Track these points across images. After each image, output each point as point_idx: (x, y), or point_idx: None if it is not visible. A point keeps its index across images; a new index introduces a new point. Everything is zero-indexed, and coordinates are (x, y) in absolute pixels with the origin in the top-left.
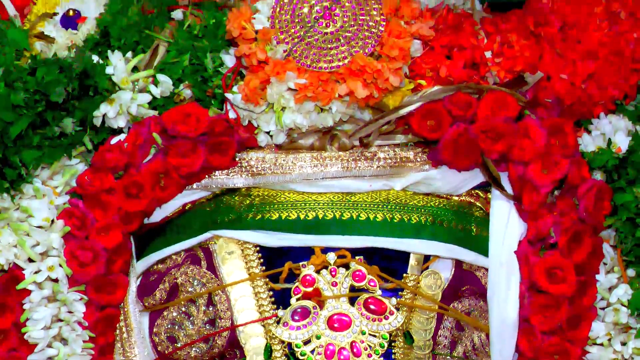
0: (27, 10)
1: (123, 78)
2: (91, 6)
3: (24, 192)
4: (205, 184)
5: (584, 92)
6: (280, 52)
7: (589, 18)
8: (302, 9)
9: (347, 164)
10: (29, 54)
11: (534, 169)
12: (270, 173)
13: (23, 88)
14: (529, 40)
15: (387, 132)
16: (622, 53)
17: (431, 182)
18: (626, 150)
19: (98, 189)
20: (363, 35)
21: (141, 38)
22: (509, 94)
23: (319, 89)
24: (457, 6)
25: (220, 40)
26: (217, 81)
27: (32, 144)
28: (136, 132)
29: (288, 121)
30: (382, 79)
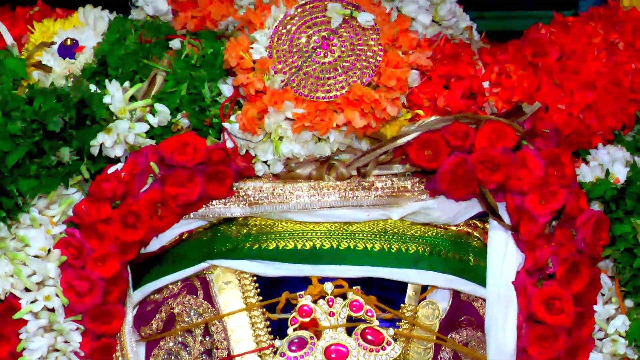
0: (24, 39)
1: (121, 107)
2: (89, 35)
3: (21, 222)
4: (202, 214)
5: (581, 123)
6: (278, 82)
7: (587, 48)
8: (300, 39)
9: (344, 193)
10: (27, 83)
11: (532, 200)
12: (267, 202)
13: (20, 117)
14: (526, 70)
15: (385, 162)
16: (620, 83)
17: (429, 212)
18: (624, 181)
19: (95, 219)
20: (361, 65)
21: (139, 67)
22: (506, 124)
23: (317, 118)
24: (454, 36)
25: (218, 69)
26: (214, 110)
27: (29, 173)
28: (133, 161)
29: (286, 151)
30: (379, 108)
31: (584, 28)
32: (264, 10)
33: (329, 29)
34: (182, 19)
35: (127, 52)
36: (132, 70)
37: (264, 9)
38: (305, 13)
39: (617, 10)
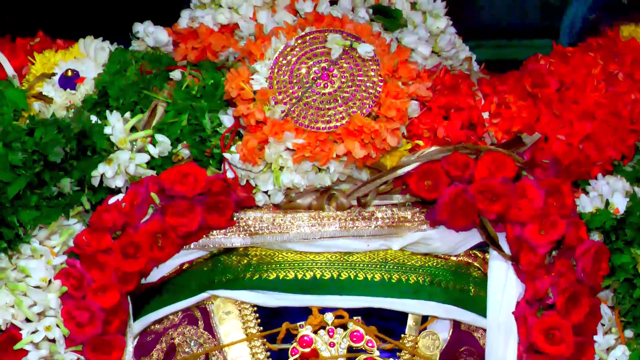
0: (25, 70)
1: (121, 138)
2: (90, 66)
3: (22, 252)
4: (202, 244)
5: (581, 153)
6: (279, 113)
7: (587, 79)
8: (300, 69)
9: (344, 223)
10: (27, 114)
11: (532, 230)
12: (268, 233)
13: (21, 148)
14: (526, 101)
15: (385, 192)
16: (620, 114)
17: (429, 242)
18: (624, 212)
19: (95, 249)
20: (361, 95)
21: (140, 98)
22: (506, 154)
23: (317, 149)
24: (454, 67)
25: (219, 100)
26: (215, 141)
27: (29, 204)
28: (134, 192)
29: (286, 181)
30: (379, 139)
31: (583, 59)
32: (265, 41)
33: (329, 60)
34: (183, 50)
35: (128, 83)
36: (133, 101)
37: (264, 40)
38: (305, 44)
39: (617, 41)
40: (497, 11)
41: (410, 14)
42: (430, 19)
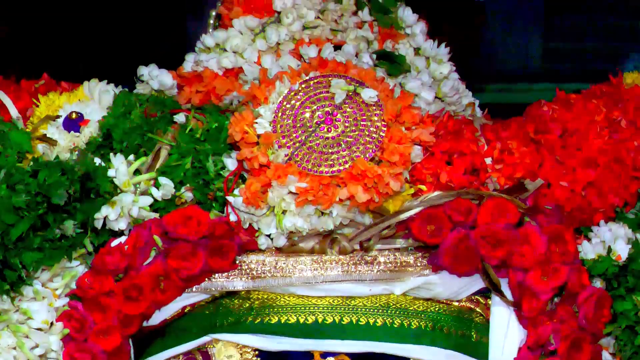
0: (30, 112)
1: (125, 181)
2: (94, 109)
3: (24, 294)
4: (205, 287)
5: (584, 200)
6: (282, 156)
7: (590, 125)
8: (304, 113)
9: (347, 267)
10: (31, 156)
11: (534, 276)
12: (270, 276)
13: (25, 190)
14: (529, 147)
15: (388, 237)
16: (623, 161)
17: (431, 287)
18: (626, 258)
19: (98, 292)
20: (364, 140)
21: (143, 141)
22: (509, 200)
23: (320, 192)
24: (457, 112)
25: (223, 143)
26: (218, 184)
27: (32, 246)
28: (137, 234)
29: (289, 224)
30: (382, 183)
31: (586, 105)
32: (269, 85)
33: (333, 104)
34: (187, 94)
35: (132, 126)
36: (137, 143)
37: (268, 84)
38: (309, 88)
39: (620, 87)
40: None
41: (414, 59)
42: (433, 64)
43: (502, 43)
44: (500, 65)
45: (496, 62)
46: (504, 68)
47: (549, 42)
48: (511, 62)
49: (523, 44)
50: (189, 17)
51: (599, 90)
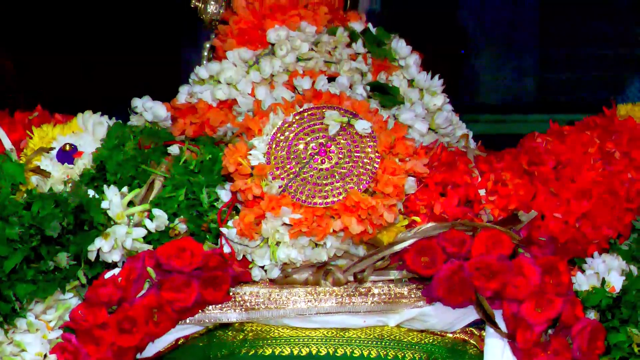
0: (23, 144)
1: (118, 213)
2: (88, 141)
3: (18, 326)
4: (198, 319)
5: (577, 231)
6: (276, 188)
7: (583, 157)
8: (298, 145)
9: (341, 299)
10: (25, 188)
11: (528, 308)
12: (264, 308)
13: (18, 222)
14: (522, 179)
15: (382, 268)
16: (616, 193)
17: (425, 318)
18: (620, 290)
19: (91, 324)
20: (358, 171)
21: (137, 173)
22: (503, 232)
23: (314, 224)
24: (451, 144)
25: (216, 175)
26: (212, 216)
27: (26, 278)
28: (130, 266)
29: (282, 256)
30: (376, 215)
31: (580, 137)
32: (263, 117)
33: (327, 136)
34: (181, 125)
35: (126, 158)
36: (131, 175)
37: (262, 116)
38: (303, 120)
39: (613, 119)
40: (495, 88)
41: (408, 91)
42: (427, 96)
43: (496, 74)
44: (494, 96)
45: (490, 93)
46: (497, 99)
47: (543, 73)
48: (505, 93)
49: (517, 75)
50: (183, 49)
51: (593, 122)
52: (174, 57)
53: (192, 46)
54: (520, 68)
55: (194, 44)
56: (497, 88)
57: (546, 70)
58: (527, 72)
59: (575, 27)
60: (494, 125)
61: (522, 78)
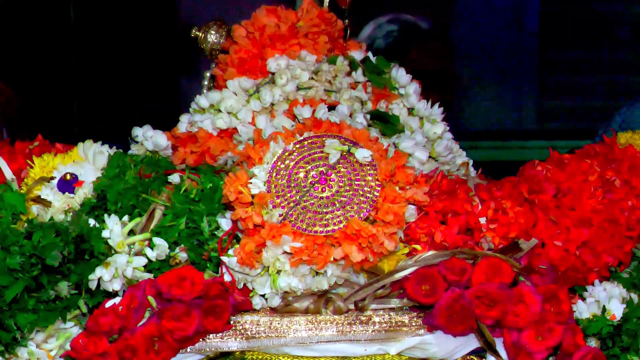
0: (24, 174)
1: (119, 242)
2: (88, 170)
3: (19, 356)
4: (199, 348)
5: (578, 259)
6: (276, 216)
7: (583, 185)
8: (298, 173)
9: (342, 327)
10: (26, 217)
11: (529, 336)
12: (264, 336)
13: (19, 252)
14: (523, 207)
15: (382, 296)
16: (617, 221)
17: (426, 346)
18: (620, 318)
19: (92, 353)
20: (358, 200)
21: (138, 202)
22: (503, 260)
23: (315, 252)
24: (451, 172)
25: (217, 204)
26: (213, 244)
27: (27, 307)
28: (131, 295)
29: (283, 284)
30: (377, 243)
31: (580, 165)
32: (263, 145)
33: (327, 164)
34: (182, 154)
35: (127, 187)
36: (131, 204)
37: (262, 145)
38: (303, 149)
39: (614, 147)
40: (495, 115)
41: (408, 119)
42: (427, 124)
43: (496, 101)
44: (495, 124)
45: (491, 120)
46: (498, 126)
47: (543, 100)
48: (505, 120)
49: (517, 102)
50: (183, 78)
51: (593, 150)
52: (174, 86)
53: (190, 77)
54: (520, 96)
55: (193, 75)
56: (498, 115)
57: (546, 97)
58: (527, 99)
59: (575, 55)
60: (493, 152)
61: (523, 107)
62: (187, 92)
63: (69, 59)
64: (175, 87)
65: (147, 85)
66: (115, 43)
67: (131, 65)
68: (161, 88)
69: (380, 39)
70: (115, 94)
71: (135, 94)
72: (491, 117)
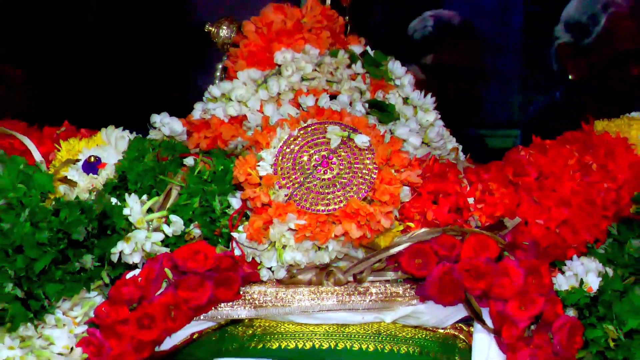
0: (52, 156)
1: (139, 219)
2: (111, 153)
3: (47, 322)
4: (211, 315)
5: (558, 237)
6: (282, 196)
7: (563, 169)
8: (302, 157)
9: (342, 297)
10: (53, 196)
11: (513, 306)
12: (271, 305)
13: (47, 227)
14: (508, 188)
15: (379, 270)
16: (594, 201)
17: (419, 315)
18: (597, 290)
19: (114, 320)
20: (357, 181)
21: (156, 182)
22: (489, 236)
23: (317, 229)
24: (442, 156)
25: (228, 184)
26: (224, 222)
27: (54, 278)
28: (150, 267)
29: (288, 258)
30: (374, 221)
31: (560, 150)
32: (270, 131)
33: (329, 149)
34: (196, 139)
35: (145, 169)
36: (150, 185)
37: (270, 131)
38: (307, 134)
39: (591, 134)
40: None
41: (403, 108)
42: (420, 112)
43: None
44: (482, 114)
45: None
46: (485, 116)
47: (527, 93)
48: (493, 111)
49: (503, 95)
50: (198, 71)
51: (572, 136)
52: (189, 78)
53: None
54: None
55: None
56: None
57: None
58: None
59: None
60: (482, 140)
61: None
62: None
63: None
64: (190, 79)
65: (166, 77)
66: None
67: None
68: (178, 79)
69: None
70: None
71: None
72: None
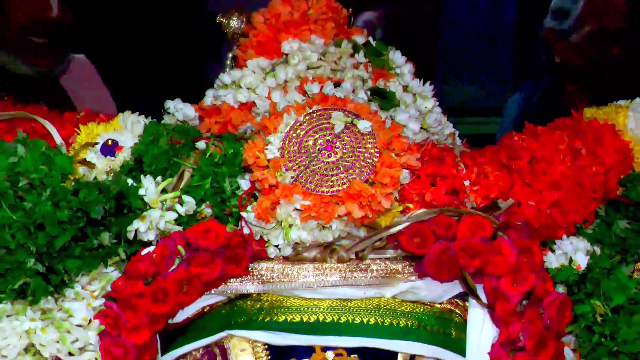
0: (71, 139)
1: (153, 199)
2: (127, 137)
3: (66, 296)
4: (222, 290)
5: (549, 217)
6: (289, 178)
7: (554, 153)
8: (308, 141)
9: (344, 274)
10: (73, 177)
11: (506, 282)
12: (278, 281)
13: (67, 206)
14: (501, 171)
15: (379, 248)
16: (583, 184)
17: (417, 291)
18: (585, 268)
19: (130, 294)
20: (359, 164)
21: (169, 165)
22: (484, 217)
23: (321, 209)
24: (440, 141)
25: (238, 167)
26: (234, 202)
27: (74, 254)
28: (164, 245)
29: (294, 236)
30: (375, 202)
31: (551, 136)
32: (278, 117)
33: (333, 133)
34: (207, 124)
35: (160, 152)
36: (164, 167)
37: (277, 116)
38: (312, 120)
39: (580, 121)
40: (478, 94)
41: (403, 95)
42: (419, 99)
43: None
44: (477, 102)
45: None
46: (480, 104)
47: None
48: (487, 99)
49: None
50: (209, 59)
51: (562, 122)
52: (201, 66)
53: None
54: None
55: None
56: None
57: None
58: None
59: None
60: (477, 126)
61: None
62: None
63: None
64: (202, 67)
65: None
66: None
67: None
68: (191, 67)
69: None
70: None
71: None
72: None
